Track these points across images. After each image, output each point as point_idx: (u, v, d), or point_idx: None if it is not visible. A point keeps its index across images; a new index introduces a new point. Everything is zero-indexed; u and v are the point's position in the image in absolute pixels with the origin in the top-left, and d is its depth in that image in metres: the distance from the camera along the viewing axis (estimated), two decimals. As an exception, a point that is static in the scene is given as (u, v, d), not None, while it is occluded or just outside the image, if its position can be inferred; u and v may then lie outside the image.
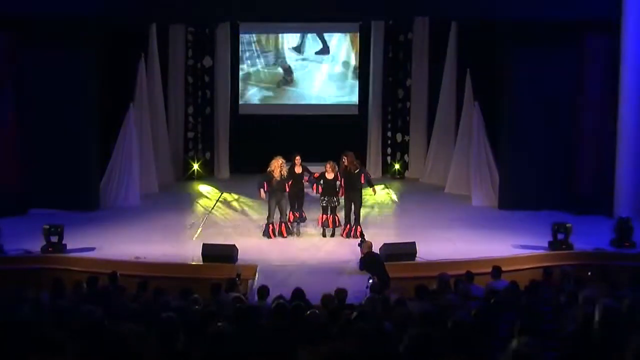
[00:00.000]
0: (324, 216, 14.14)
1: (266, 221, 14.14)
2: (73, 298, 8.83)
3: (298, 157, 14.34)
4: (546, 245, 13.12)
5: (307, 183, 14.45)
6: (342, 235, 14.03)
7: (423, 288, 9.16)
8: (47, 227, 12.85)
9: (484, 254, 12.73)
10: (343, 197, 14.10)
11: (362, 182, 14.06)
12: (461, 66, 18.44)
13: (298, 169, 14.29)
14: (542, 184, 16.01)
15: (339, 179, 14.04)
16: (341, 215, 14.22)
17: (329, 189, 14.05)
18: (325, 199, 14.04)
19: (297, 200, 14.30)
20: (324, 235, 14.21)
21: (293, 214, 14.29)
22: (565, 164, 16.00)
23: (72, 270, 12.20)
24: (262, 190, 14.03)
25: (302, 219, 14.38)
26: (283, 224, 14.09)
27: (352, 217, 14.04)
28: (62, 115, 15.73)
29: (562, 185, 16.00)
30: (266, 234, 14.09)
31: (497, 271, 10.83)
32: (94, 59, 15.93)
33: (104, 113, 16.31)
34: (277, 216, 14.17)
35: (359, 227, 14.02)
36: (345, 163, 14.02)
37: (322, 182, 14.08)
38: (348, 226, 14.04)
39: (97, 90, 16.05)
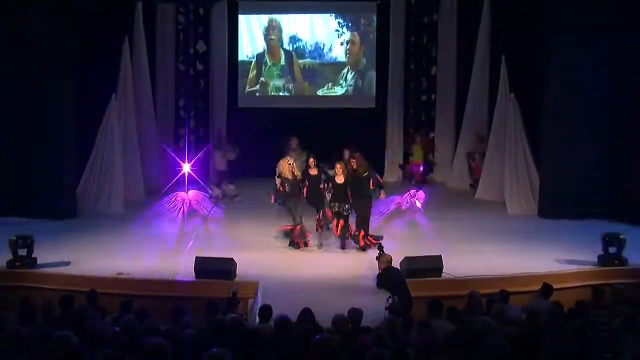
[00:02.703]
0: (340, 222, 14.18)
1: (292, 226, 14.34)
2: (44, 321, 8.80)
3: (311, 159, 14.39)
4: (595, 259, 13.02)
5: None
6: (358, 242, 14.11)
7: (451, 309, 9.12)
8: (14, 238, 12.80)
9: (522, 269, 12.66)
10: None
11: (371, 187, 14.11)
12: (495, 52, 18.39)
13: (313, 171, 14.33)
14: (590, 188, 15.90)
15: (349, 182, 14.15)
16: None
17: (340, 194, 14.08)
18: (336, 204, 14.08)
19: (318, 204, 14.41)
20: (343, 247, 14.27)
21: (318, 219, 14.43)
22: (617, 165, 15.90)
23: (43, 288, 12.16)
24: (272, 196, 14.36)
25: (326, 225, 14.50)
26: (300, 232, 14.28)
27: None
28: (31, 108, 15.74)
29: (613, 190, 15.89)
30: (292, 244, 14.33)
31: (546, 290, 10.72)
32: (69, 43, 15.93)
33: (81, 106, 16.31)
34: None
35: (369, 237, 14.09)
36: (354, 166, 14.06)
37: (331, 186, 14.14)
38: (362, 233, 14.06)
39: (73, 80, 16.06)
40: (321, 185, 14.22)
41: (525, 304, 10.57)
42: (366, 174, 14.14)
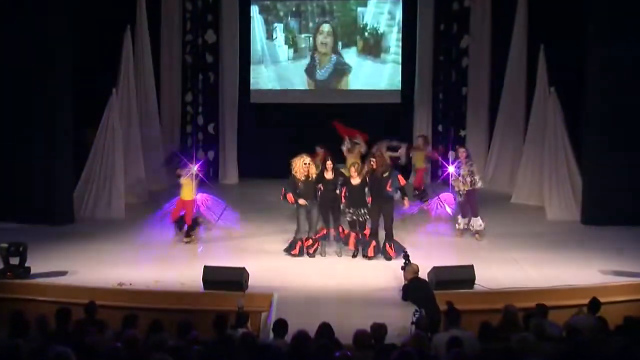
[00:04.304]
0: (349, 232, 14.11)
1: (294, 236, 14.24)
2: (38, 336, 8.83)
3: (329, 162, 14.33)
4: (645, 271, 12.99)
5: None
6: (366, 256, 14.01)
7: (484, 325, 9.09)
8: (6, 245, 12.84)
9: (562, 281, 12.59)
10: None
11: (389, 189, 13.94)
12: (533, 42, 18.34)
13: (329, 174, 14.25)
14: (639, 192, 15.83)
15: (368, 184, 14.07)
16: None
17: (356, 197, 14.01)
18: (351, 211, 14.00)
19: (332, 213, 14.30)
20: (355, 255, 14.22)
21: (327, 230, 14.35)
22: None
23: (37, 300, 12.20)
24: (289, 195, 14.04)
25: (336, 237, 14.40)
26: (311, 240, 14.16)
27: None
28: (25, 103, 15.81)
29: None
30: (290, 250, 14.18)
31: (594, 305, 10.65)
32: (67, 31, 15.98)
33: (79, 102, 16.37)
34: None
35: (391, 245, 13.99)
36: (374, 165, 13.98)
37: (346, 189, 14.05)
38: (374, 243, 13.97)
39: (70, 73, 16.11)
40: (337, 191, 14.13)
41: (565, 319, 10.54)
42: (386, 174, 14.03)
